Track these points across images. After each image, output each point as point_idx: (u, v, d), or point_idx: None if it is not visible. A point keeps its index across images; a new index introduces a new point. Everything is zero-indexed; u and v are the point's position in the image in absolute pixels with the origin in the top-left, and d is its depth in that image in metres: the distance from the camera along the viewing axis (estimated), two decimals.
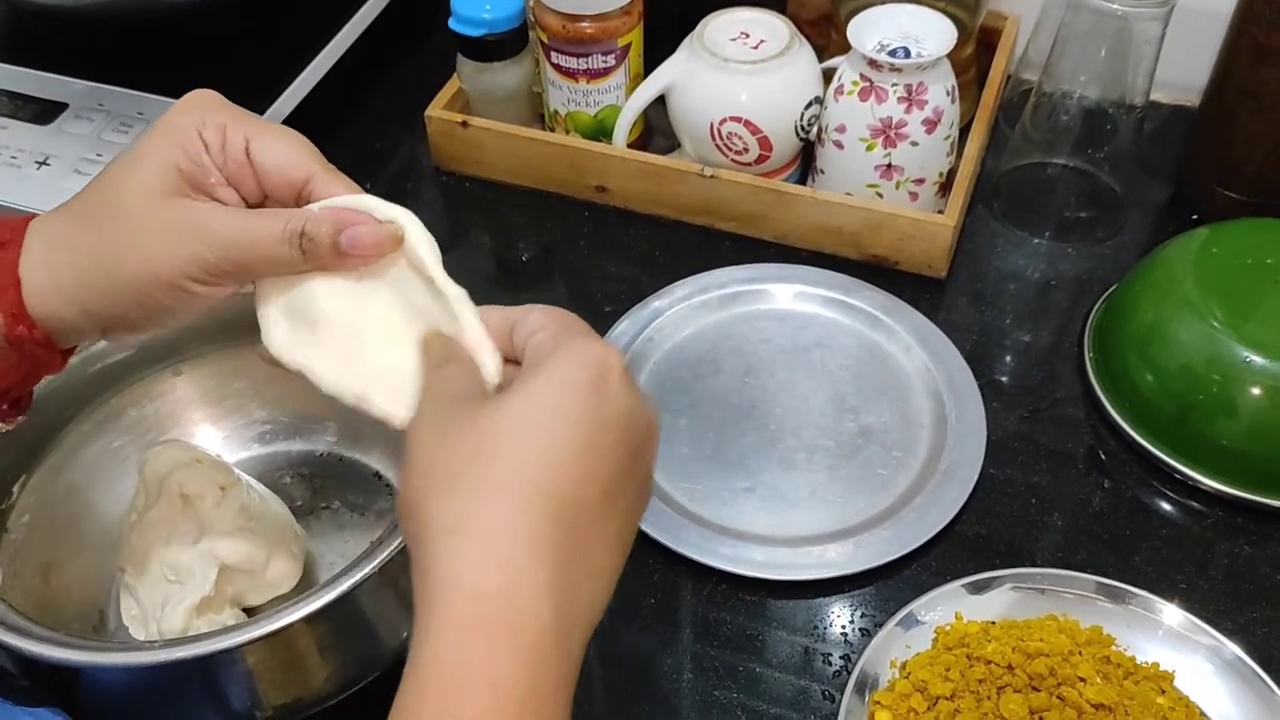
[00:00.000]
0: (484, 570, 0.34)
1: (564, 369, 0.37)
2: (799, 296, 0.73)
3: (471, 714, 0.32)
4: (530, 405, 0.36)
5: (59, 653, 0.45)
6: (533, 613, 0.34)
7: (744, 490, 0.64)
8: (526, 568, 0.34)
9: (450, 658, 0.33)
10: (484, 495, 0.35)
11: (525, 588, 0.34)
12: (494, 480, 0.35)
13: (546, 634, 0.34)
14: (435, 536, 0.35)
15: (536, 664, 0.34)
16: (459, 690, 0.33)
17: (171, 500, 0.57)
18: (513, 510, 0.34)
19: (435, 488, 0.36)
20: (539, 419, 0.36)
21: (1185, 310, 0.63)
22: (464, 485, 0.35)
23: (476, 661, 0.33)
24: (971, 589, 0.57)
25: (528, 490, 0.35)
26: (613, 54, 0.76)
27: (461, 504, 0.35)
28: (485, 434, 0.36)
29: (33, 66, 0.80)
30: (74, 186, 0.71)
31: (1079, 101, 0.73)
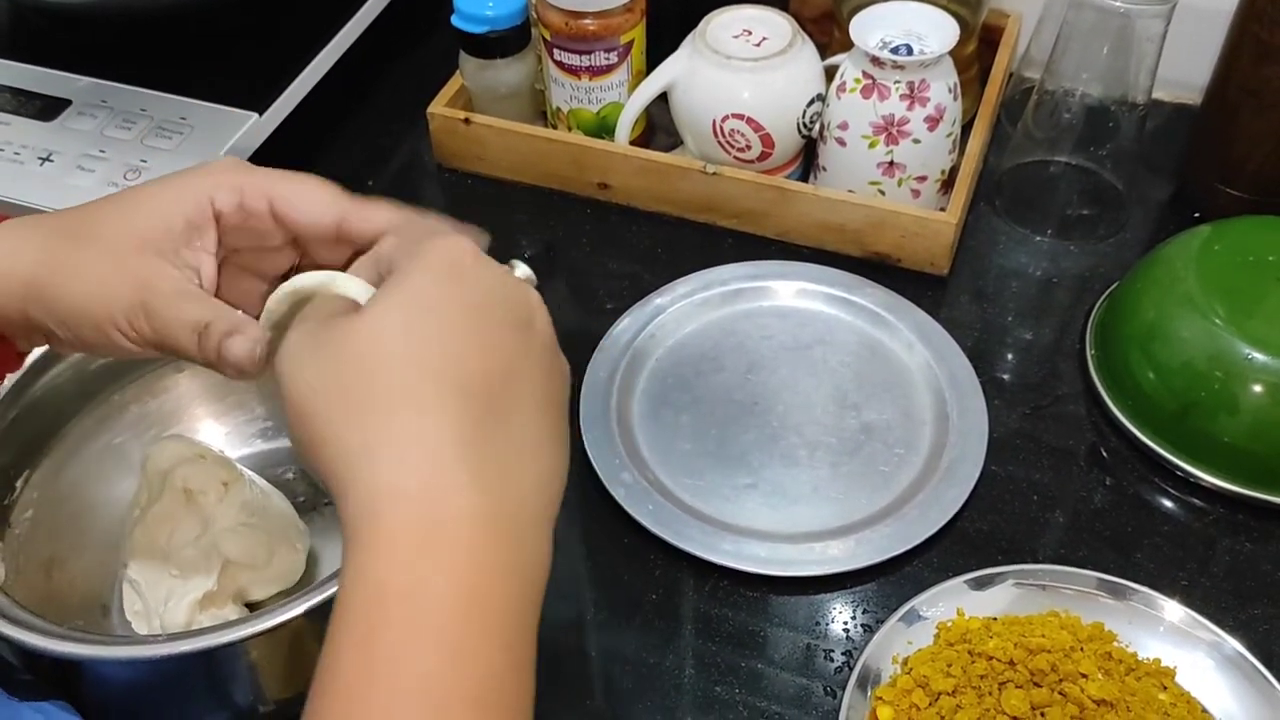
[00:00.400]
0: (401, 476, 0.33)
1: (418, 268, 0.37)
2: (801, 293, 0.73)
3: (397, 623, 0.32)
4: (397, 308, 0.36)
5: (63, 646, 0.45)
6: (454, 504, 0.33)
7: (746, 487, 0.64)
8: (444, 463, 0.33)
9: (373, 572, 0.33)
10: (384, 406, 0.34)
11: (445, 481, 0.33)
12: (388, 389, 0.34)
13: (477, 522, 0.33)
14: (349, 462, 0.34)
15: (466, 556, 0.33)
16: (380, 603, 0.32)
17: (174, 495, 0.57)
18: (416, 412, 0.34)
19: (333, 415, 0.35)
20: (411, 318, 0.36)
21: (1187, 307, 0.63)
22: (361, 403, 0.35)
23: (399, 568, 0.32)
24: (973, 585, 0.57)
25: (425, 388, 0.34)
26: (615, 51, 0.76)
27: (366, 421, 0.34)
28: (363, 347, 0.35)
29: (36, 63, 0.80)
30: (77, 183, 0.72)
31: (1081, 99, 0.73)
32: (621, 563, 0.62)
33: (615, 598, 0.60)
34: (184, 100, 0.77)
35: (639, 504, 0.62)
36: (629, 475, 0.63)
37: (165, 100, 0.77)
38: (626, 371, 0.69)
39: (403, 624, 0.32)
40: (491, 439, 0.35)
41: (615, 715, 0.56)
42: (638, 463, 0.64)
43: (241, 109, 0.76)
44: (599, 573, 0.61)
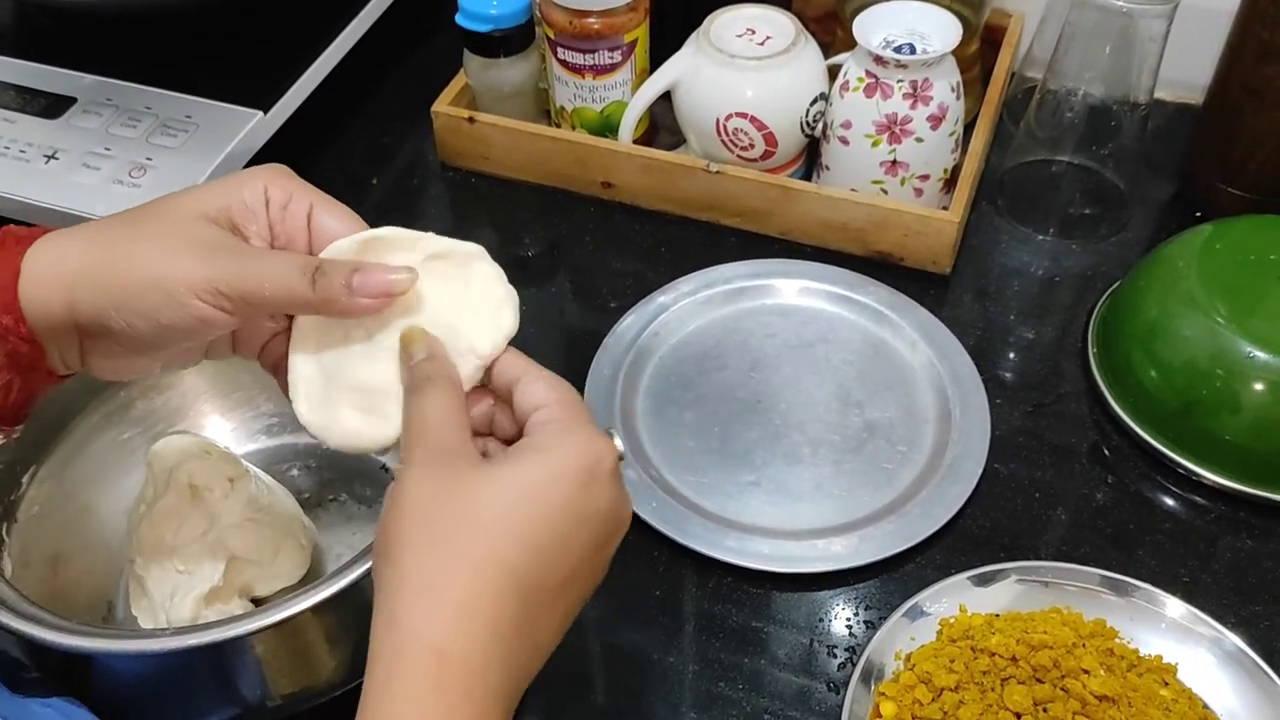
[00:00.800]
0: (450, 636, 0.37)
1: (560, 460, 0.40)
2: (804, 292, 0.74)
3: None
4: (519, 487, 0.39)
5: (71, 640, 0.46)
6: (484, 678, 0.37)
7: (749, 484, 0.64)
8: (485, 639, 0.38)
9: (410, 711, 0.36)
10: (461, 565, 0.38)
11: (481, 657, 0.37)
12: (472, 553, 0.38)
13: (492, 697, 0.38)
14: (409, 593, 0.38)
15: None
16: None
17: (180, 491, 0.57)
18: (483, 586, 0.38)
19: (417, 542, 0.38)
20: (524, 504, 0.39)
21: (1189, 306, 0.64)
22: (444, 550, 0.38)
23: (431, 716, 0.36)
24: (976, 581, 0.57)
25: (500, 569, 0.38)
26: (619, 50, 0.77)
27: (439, 567, 0.38)
28: (472, 503, 0.39)
29: (41, 61, 0.80)
30: (82, 180, 0.73)
31: (1083, 99, 0.73)
32: (625, 559, 0.61)
33: (618, 594, 0.61)
34: (189, 98, 0.77)
35: (643, 501, 0.62)
36: (632, 472, 0.63)
37: (170, 98, 0.77)
38: (630, 369, 0.69)
39: None
40: (524, 629, 0.39)
41: (618, 711, 0.56)
42: (641, 460, 0.65)
43: (246, 107, 0.76)
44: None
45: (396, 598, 0.38)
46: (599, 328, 0.71)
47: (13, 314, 0.42)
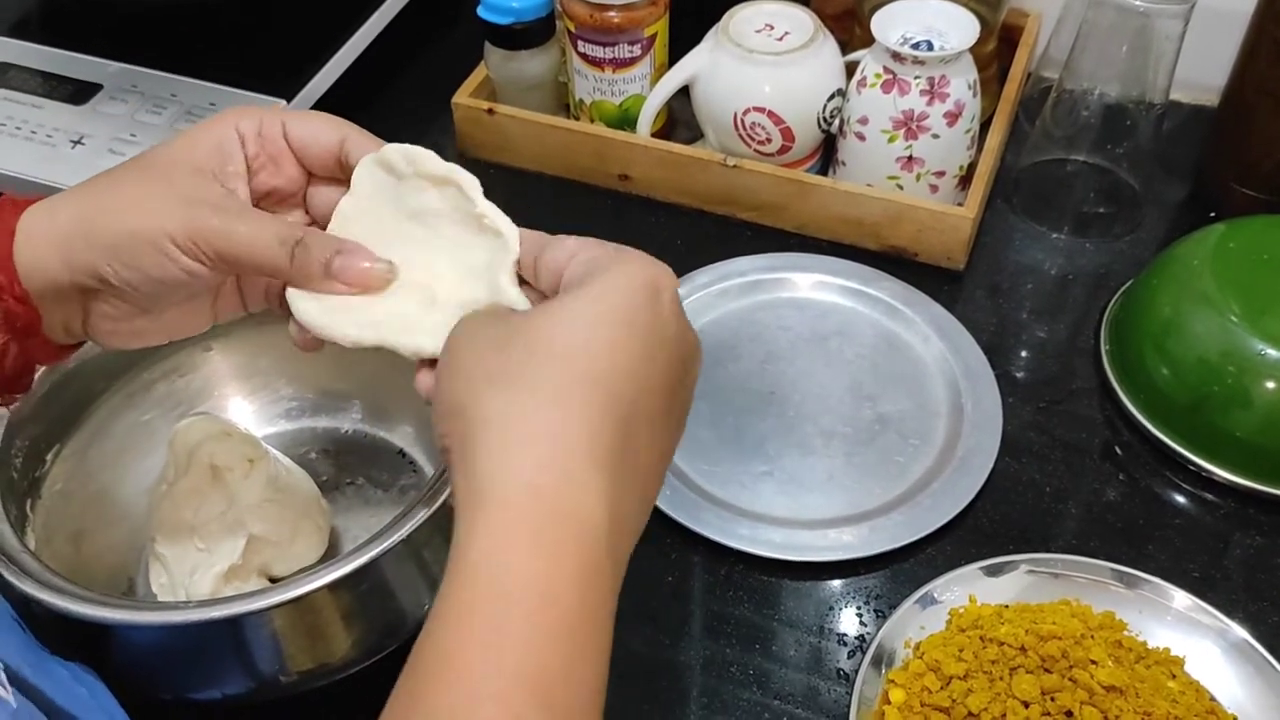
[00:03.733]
0: (539, 468, 0.33)
1: (623, 280, 0.36)
2: (819, 286, 0.74)
3: (523, 622, 0.31)
4: (590, 311, 0.36)
5: (95, 611, 0.46)
6: (589, 518, 0.33)
7: (762, 474, 0.65)
8: (584, 469, 0.33)
9: (505, 559, 0.32)
10: (540, 394, 0.34)
11: (582, 490, 0.33)
12: (551, 380, 0.34)
13: (601, 542, 0.33)
14: (486, 431, 0.33)
15: (589, 573, 0.33)
16: (514, 596, 0.32)
17: (201, 471, 0.58)
18: (572, 410, 0.33)
19: (484, 385, 0.35)
20: (600, 324, 0.35)
21: (1202, 304, 0.64)
22: (517, 384, 0.34)
23: (533, 566, 0.32)
24: (987, 572, 0.58)
25: (589, 391, 0.34)
26: (639, 44, 0.77)
27: (516, 400, 0.34)
28: (539, 337, 0.35)
29: (68, 48, 0.81)
30: (108, 165, 0.73)
31: (1099, 98, 0.74)
32: (638, 546, 0.62)
33: (631, 581, 0.60)
34: (213, 86, 0.78)
35: None
36: None
37: (194, 86, 0.78)
38: None
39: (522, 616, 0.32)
40: (623, 459, 0.35)
41: (630, 695, 0.57)
42: None
43: (270, 95, 0.77)
44: None
45: (471, 443, 0.34)
46: None
47: (6, 273, 0.41)
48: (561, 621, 0.32)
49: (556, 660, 0.32)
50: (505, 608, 0.32)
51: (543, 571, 0.32)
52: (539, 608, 0.32)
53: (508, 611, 0.32)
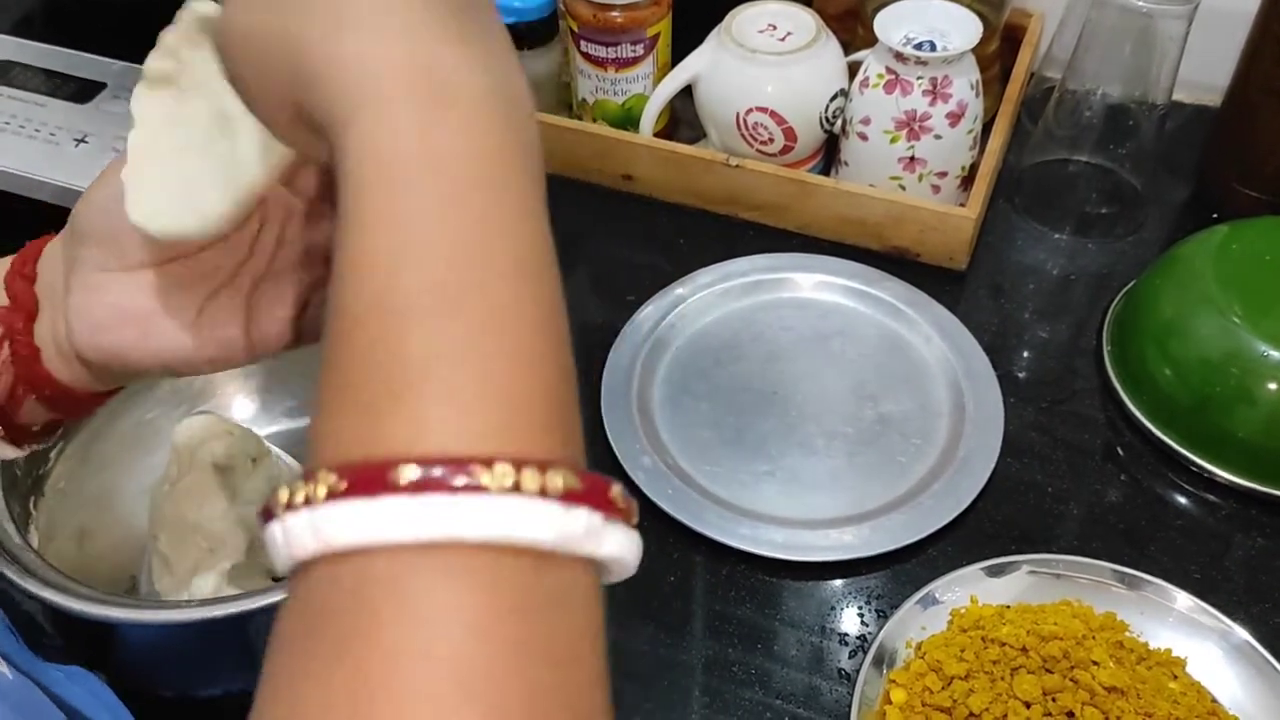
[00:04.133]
0: (390, 49, 0.29)
1: None
2: (821, 286, 0.74)
3: (421, 192, 0.28)
4: None
5: (99, 609, 0.47)
6: (455, 75, 0.29)
7: (764, 474, 0.65)
8: (432, 38, 0.29)
9: (384, 144, 0.28)
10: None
11: (438, 56, 0.29)
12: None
13: (479, 92, 0.29)
14: (314, 58, 0.29)
15: (482, 123, 0.29)
16: (398, 173, 0.28)
17: (204, 470, 0.58)
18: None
19: (277, 20, 0.30)
20: None
21: (1205, 305, 0.64)
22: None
23: (414, 136, 0.28)
24: (989, 572, 0.58)
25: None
26: (641, 43, 0.77)
27: (322, 12, 0.30)
28: None
29: (71, 46, 0.81)
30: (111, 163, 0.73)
31: (1102, 99, 0.74)
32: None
33: (632, 580, 0.61)
34: None
35: (658, 488, 0.63)
36: (649, 460, 0.64)
37: None
38: (647, 359, 0.70)
39: (429, 193, 0.28)
40: (464, 17, 0.31)
41: (631, 694, 0.57)
42: (658, 448, 0.65)
43: None
44: None
45: (293, 78, 0.30)
46: (617, 319, 0.72)
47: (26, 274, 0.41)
48: (480, 184, 0.29)
49: (496, 221, 0.29)
50: (404, 190, 0.28)
51: (443, 140, 0.29)
52: (436, 183, 0.28)
53: (407, 195, 0.28)
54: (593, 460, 0.40)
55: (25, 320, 0.41)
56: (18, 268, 0.41)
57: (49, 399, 0.42)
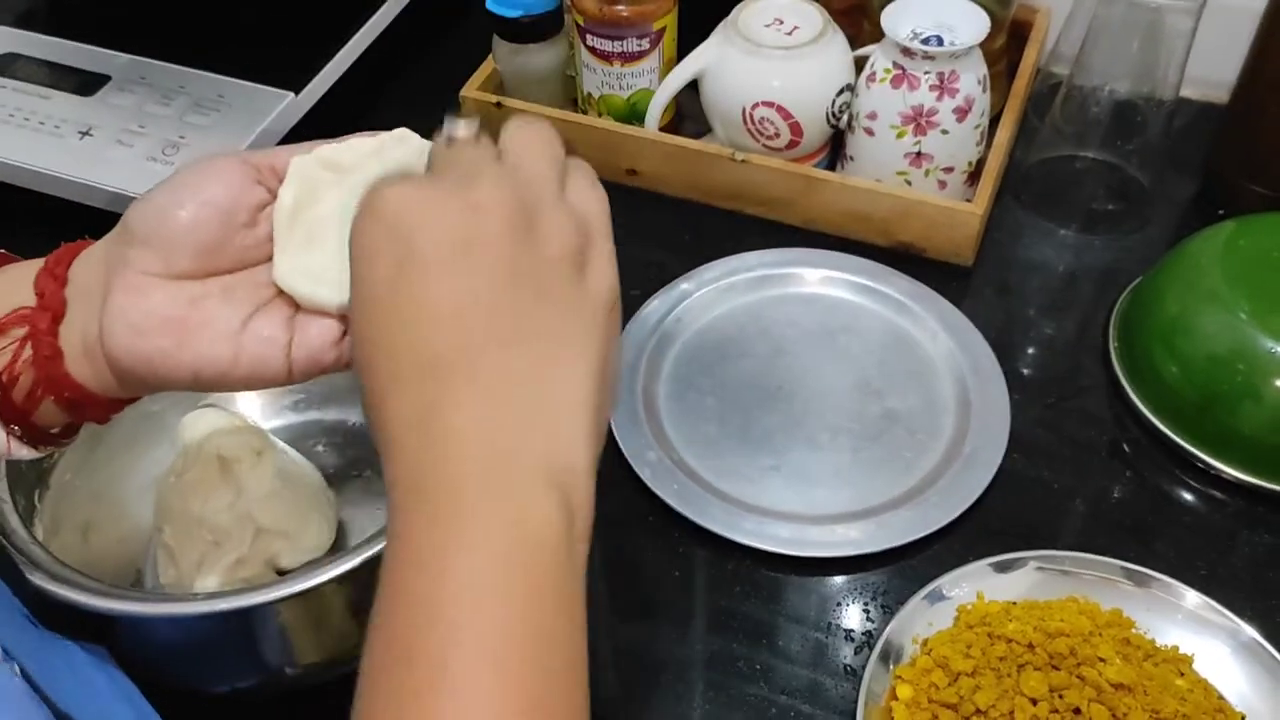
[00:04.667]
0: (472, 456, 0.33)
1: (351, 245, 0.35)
2: (826, 281, 0.74)
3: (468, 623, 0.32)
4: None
5: (104, 602, 0.47)
6: (538, 506, 0.33)
7: (769, 469, 0.65)
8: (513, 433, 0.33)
9: (443, 544, 0.32)
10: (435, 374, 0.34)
11: (528, 499, 0.33)
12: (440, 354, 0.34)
13: (553, 514, 0.33)
14: (403, 432, 0.34)
15: (533, 565, 0.33)
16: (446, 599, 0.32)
17: (209, 463, 0.58)
18: (468, 379, 0.33)
19: (384, 378, 0.35)
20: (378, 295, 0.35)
21: (1212, 302, 0.64)
22: (410, 370, 0.34)
23: (473, 556, 0.32)
24: (995, 568, 0.58)
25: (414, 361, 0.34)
26: (647, 38, 0.77)
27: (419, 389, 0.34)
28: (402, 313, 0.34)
29: (76, 39, 0.81)
30: (116, 157, 0.73)
31: (1109, 95, 0.73)
32: (645, 540, 0.62)
33: (638, 575, 0.61)
34: (221, 78, 0.78)
35: (664, 483, 0.63)
36: (654, 455, 0.64)
37: (203, 78, 0.78)
38: (653, 354, 0.70)
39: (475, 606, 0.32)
40: (543, 390, 0.34)
41: (635, 689, 0.57)
42: (663, 443, 0.65)
43: (278, 88, 0.77)
44: (622, 550, 0.62)
45: (387, 433, 0.34)
46: (622, 313, 0.72)
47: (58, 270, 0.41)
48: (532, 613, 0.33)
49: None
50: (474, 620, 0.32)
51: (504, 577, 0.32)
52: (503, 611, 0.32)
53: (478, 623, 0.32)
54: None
55: (51, 321, 0.41)
56: (50, 267, 0.41)
57: (67, 402, 0.42)
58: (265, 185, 0.42)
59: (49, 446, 0.44)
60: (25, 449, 0.43)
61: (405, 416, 0.34)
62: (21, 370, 0.41)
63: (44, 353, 0.41)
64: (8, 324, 0.41)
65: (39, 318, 0.41)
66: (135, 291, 0.40)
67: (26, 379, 0.41)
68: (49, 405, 0.42)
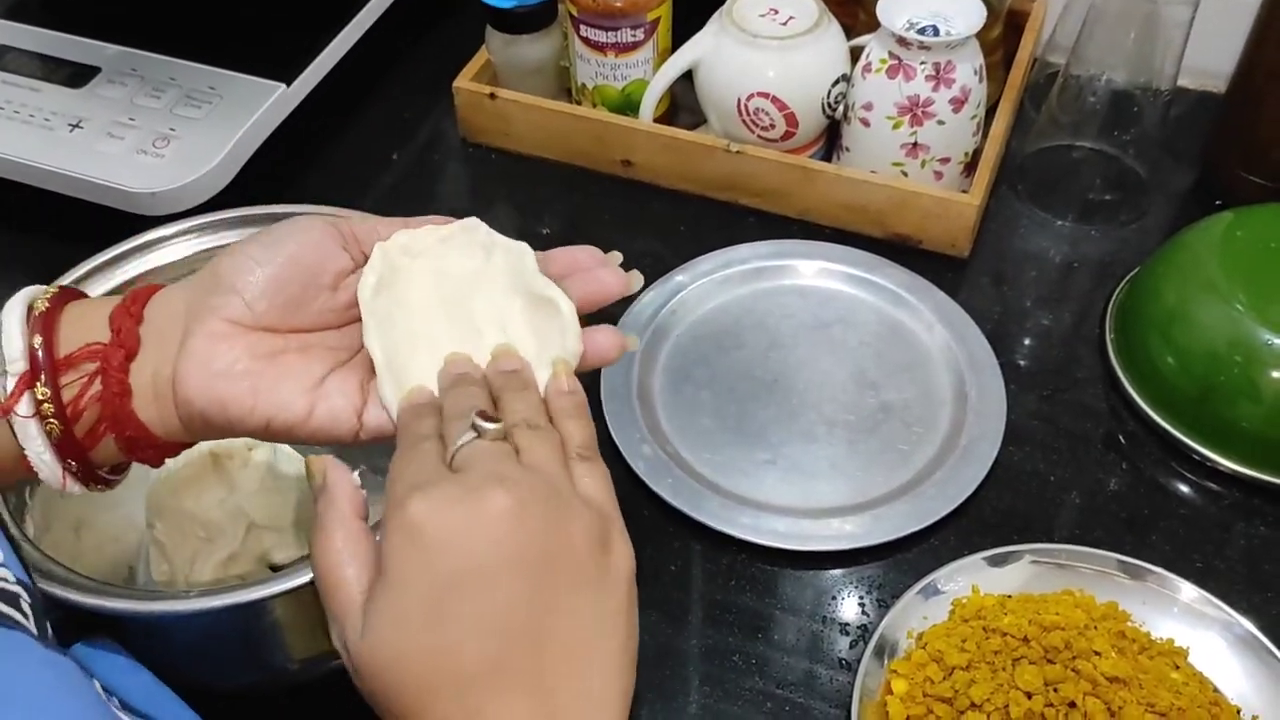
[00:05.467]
0: None
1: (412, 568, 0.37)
2: (822, 273, 0.74)
3: None
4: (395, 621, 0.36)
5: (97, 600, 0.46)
6: None
7: (765, 462, 0.64)
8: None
9: None
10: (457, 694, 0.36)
11: None
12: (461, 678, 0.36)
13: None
14: None
15: None
16: None
17: (201, 459, 0.58)
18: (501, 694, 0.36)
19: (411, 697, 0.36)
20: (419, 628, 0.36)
21: (1208, 293, 0.64)
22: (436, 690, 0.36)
23: None
24: (990, 562, 0.58)
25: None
26: (642, 28, 0.77)
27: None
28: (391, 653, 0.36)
29: (65, 30, 0.81)
30: (106, 150, 0.73)
31: (1106, 84, 0.73)
32: (640, 535, 0.61)
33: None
34: (212, 70, 0.77)
35: (659, 477, 0.62)
36: (649, 449, 0.64)
37: (194, 70, 0.78)
38: (648, 347, 0.70)
39: None
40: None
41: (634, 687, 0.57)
42: (658, 437, 0.65)
43: (269, 79, 0.76)
44: None
45: None
46: (616, 306, 0.71)
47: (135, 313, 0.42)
48: None
49: None
50: None
51: None
52: None
53: None
54: None
55: (124, 358, 0.41)
56: (126, 305, 0.42)
57: (128, 440, 0.42)
58: (349, 253, 0.44)
59: (99, 487, 0.45)
60: (77, 486, 0.44)
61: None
62: (87, 405, 0.41)
63: (113, 389, 0.41)
64: (79, 358, 0.41)
65: (112, 354, 0.41)
66: (217, 337, 0.41)
67: (91, 414, 0.42)
68: (108, 443, 0.42)
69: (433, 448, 0.39)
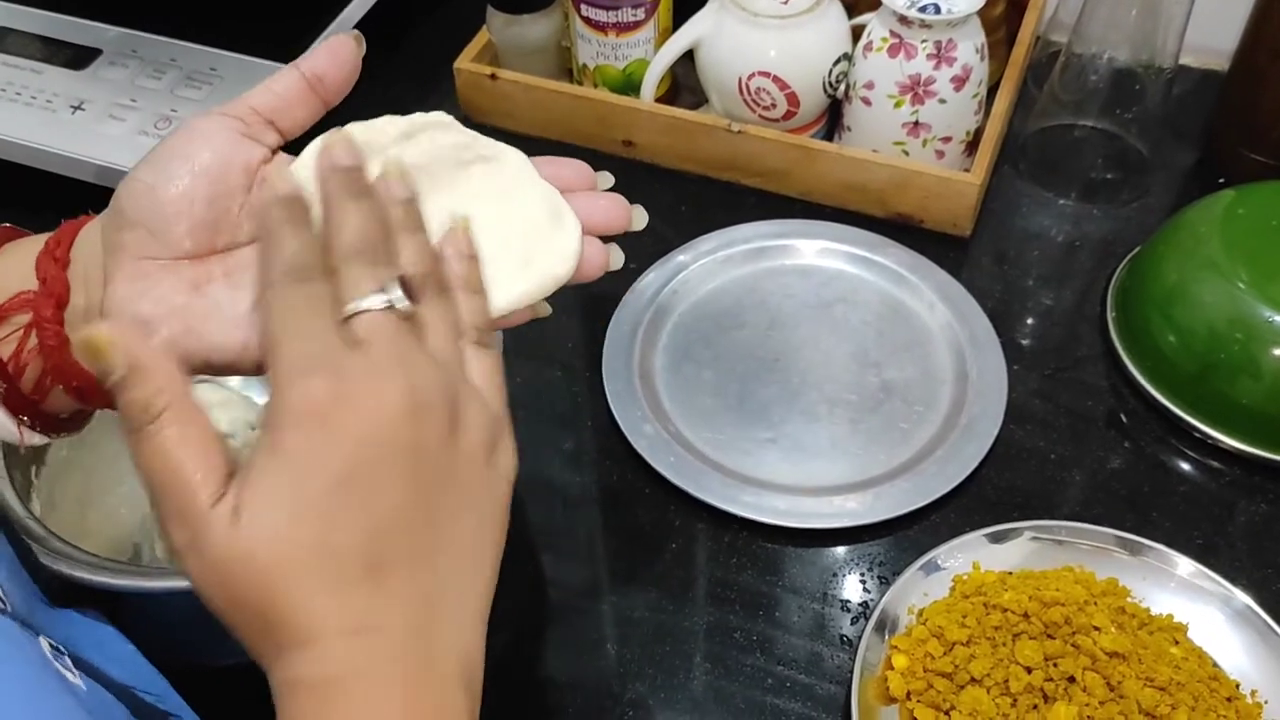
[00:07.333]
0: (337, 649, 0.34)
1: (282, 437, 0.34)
2: (823, 252, 0.74)
3: None
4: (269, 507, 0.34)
5: (103, 577, 0.47)
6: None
7: (766, 441, 0.65)
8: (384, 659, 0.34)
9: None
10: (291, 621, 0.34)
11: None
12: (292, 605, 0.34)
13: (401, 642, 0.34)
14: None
15: None
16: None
17: None
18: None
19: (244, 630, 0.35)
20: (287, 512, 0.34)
21: (1210, 271, 0.64)
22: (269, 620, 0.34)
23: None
24: (991, 539, 0.58)
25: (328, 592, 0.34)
26: (642, 8, 0.77)
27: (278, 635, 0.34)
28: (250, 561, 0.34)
29: (67, 12, 0.81)
30: (108, 131, 0.73)
31: (1108, 63, 0.73)
32: (642, 513, 0.63)
33: (635, 547, 0.61)
34: (213, 51, 0.77)
35: (660, 456, 0.63)
36: (651, 427, 0.64)
37: (194, 51, 0.78)
38: (649, 326, 0.70)
39: None
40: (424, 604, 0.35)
41: (633, 662, 0.57)
42: (660, 415, 0.65)
43: (270, 60, 0.76)
44: (619, 523, 0.62)
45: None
46: (618, 286, 0.72)
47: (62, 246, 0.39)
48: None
49: None
50: None
51: None
52: None
53: None
54: (595, 428, 0.41)
55: (55, 308, 0.38)
56: (50, 249, 0.39)
57: (76, 391, 0.39)
58: (255, 138, 0.39)
59: (61, 433, 0.42)
60: (38, 436, 0.41)
61: (335, 622, 0.33)
62: (28, 359, 0.39)
63: (49, 341, 0.38)
64: (10, 309, 0.38)
65: (42, 304, 0.38)
66: (137, 280, 0.38)
67: (35, 368, 0.39)
68: (59, 393, 0.40)
69: (323, 296, 0.35)
